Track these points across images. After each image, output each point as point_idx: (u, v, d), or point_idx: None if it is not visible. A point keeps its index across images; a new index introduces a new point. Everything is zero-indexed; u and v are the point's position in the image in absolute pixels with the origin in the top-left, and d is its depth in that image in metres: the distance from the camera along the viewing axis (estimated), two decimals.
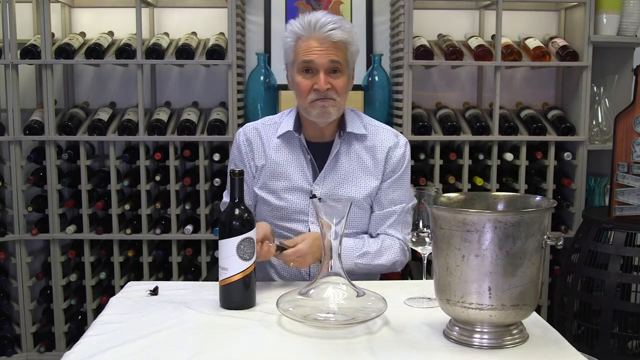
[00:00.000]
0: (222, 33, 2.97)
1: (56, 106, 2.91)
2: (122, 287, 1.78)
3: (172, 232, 2.86)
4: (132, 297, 1.67)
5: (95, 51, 2.77)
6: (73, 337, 2.94)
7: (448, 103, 3.08)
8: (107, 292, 2.92)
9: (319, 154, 1.92)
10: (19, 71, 2.81)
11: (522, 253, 1.28)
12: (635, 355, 2.44)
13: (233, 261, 1.53)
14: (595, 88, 2.97)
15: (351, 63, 1.87)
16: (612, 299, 2.39)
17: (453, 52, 2.83)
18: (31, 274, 2.93)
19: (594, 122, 2.99)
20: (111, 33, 2.96)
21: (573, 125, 2.88)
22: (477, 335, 1.34)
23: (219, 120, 2.83)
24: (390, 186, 1.93)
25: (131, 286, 1.77)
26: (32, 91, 3.03)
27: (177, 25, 3.06)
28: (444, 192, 1.47)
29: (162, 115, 2.87)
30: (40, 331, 2.98)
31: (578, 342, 2.47)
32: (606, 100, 3.00)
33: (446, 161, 2.87)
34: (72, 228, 2.83)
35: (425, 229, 1.55)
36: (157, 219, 2.94)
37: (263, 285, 1.73)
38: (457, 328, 1.37)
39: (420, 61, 2.80)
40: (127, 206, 2.86)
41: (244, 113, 2.93)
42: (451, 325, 1.40)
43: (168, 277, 2.93)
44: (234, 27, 2.74)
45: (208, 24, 3.03)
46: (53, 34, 2.85)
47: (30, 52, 2.76)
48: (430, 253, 1.46)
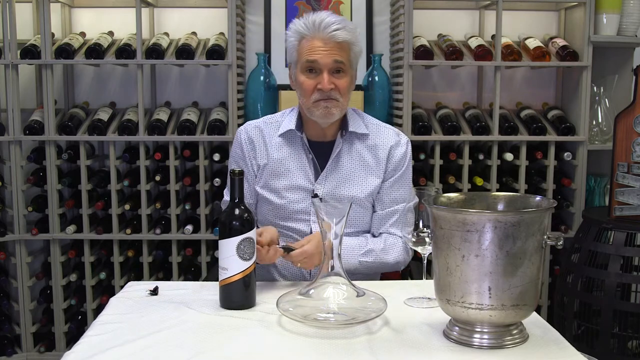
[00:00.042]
0: (222, 33, 2.97)
1: (56, 106, 2.91)
2: (122, 287, 1.78)
3: (172, 232, 2.86)
4: (132, 297, 1.67)
5: (95, 51, 2.77)
6: (73, 337, 2.94)
7: (448, 103, 3.08)
8: (107, 292, 2.92)
9: (321, 153, 1.92)
10: (19, 71, 2.81)
11: (522, 253, 1.28)
12: (635, 355, 2.44)
13: (233, 261, 1.53)
14: (595, 88, 2.97)
15: (354, 63, 1.88)
16: (612, 299, 2.39)
17: (453, 52, 2.83)
18: (31, 274, 2.93)
19: (594, 122, 2.99)
20: (111, 33, 2.96)
21: (573, 125, 2.88)
22: (477, 335, 1.34)
23: (219, 120, 2.83)
24: (392, 185, 1.93)
25: (131, 286, 1.77)
26: (32, 91, 3.03)
27: (177, 25, 3.06)
28: (444, 192, 1.47)
29: (162, 115, 2.87)
30: (40, 331, 2.98)
31: (578, 342, 2.47)
32: (606, 100, 3.00)
33: (446, 161, 2.87)
34: (72, 228, 2.83)
35: (425, 229, 1.55)
36: (157, 219, 2.94)
37: (263, 285, 1.73)
38: (457, 328, 1.37)
39: (420, 61, 2.80)
40: (127, 206, 2.86)
41: (244, 113, 2.93)
42: (451, 325, 1.40)
43: (168, 277, 2.93)
44: (234, 27, 2.74)
45: (208, 24, 3.03)
46: (53, 34, 2.85)
47: (30, 52, 2.76)
48: (430, 253, 1.46)
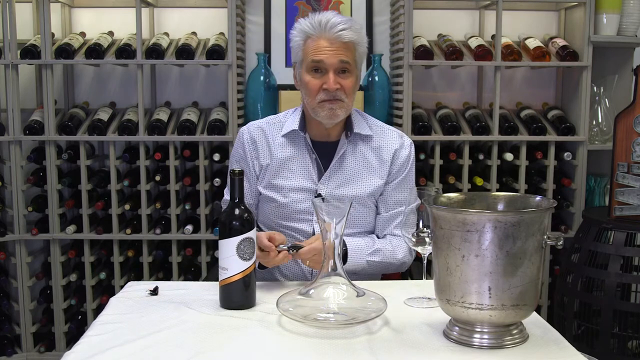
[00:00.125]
0: (222, 33, 2.97)
1: (56, 106, 2.91)
2: (122, 287, 1.78)
3: (172, 232, 2.86)
4: (132, 297, 1.67)
5: (95, 51, 2.77)
6: (73, 337, 2.94)
7: (448, 103, 3.08)
8: (107, 292, 2.92)
9: (324, 153, 1.92)
10: (19, 71, 2.81)
11: (522, 253, 1.28)
12: (635, 355, 2.44)
13: (233, 261, 1.53)
14: (595, 88, 2.97)
15: (359, 63, 1.88)
16: (612, 299, 2.39)
17: (453, 52, 2.83)
18: (31, 274, 2.93)
19: (594, 122, 2.99)
20: (111, 33, 2.96)
21: (573, 125, 2.88)
22: (477, 335, 1.34)
23: (219, 120, 2.83)
24: (396, 187, 1.93)
25: (131, 286, 1.77)
26: (32, 91, 3.03)
27: (177, 25, 3.06)
28: (444, 192, 1.47)
29: (162, 115, 2.87)
30: (40, 331, 2.98)
31: (578, 342, 2.47)
32: (606, 100, 3.00)
33: (446, 161, 2.87)
34: (72, 228, 2.83)
35: (425, 229, 1.55)
36: (157, 219, 2.94)
37: (263, 285, 1.73)
38: (457, 328, 1.37)
39: (420, 61, 2.80)
40: (127, 206, 2.86)
41: (244, 113, 2.93)
42: (451, 325, 1.40)
43: (168, 277, 2.93)
44: (234, 27, 2.74)
45: (208, 24, 3.03)
46: (53, 34, 2.85)
47: (30, 52, 2.76)
48: (430, 253, 1.46)
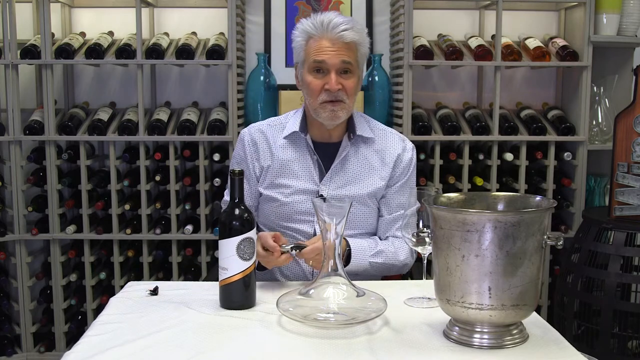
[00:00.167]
0: (222, 33, 2.97)
1: (56, 106, 2.91)
2: (122, 287, 1.78)
3: (172, 232, 2.86)
4: (132, 297, 1.67)
5: (95, 51, 2.77)
6: (73, 337, 2.94)
7: (448, 103, 3.08)
8: (107, 292, 2.92)
9: (326, 154, 1.92)
10: (19, 71, 2.81)
11: (522, 253, 1.28)
12: (635, 355, 2.44)
13: (233, 261, 1.53)
14: (595, 88, 2.97)
15: (361, 64, 1.88)
16: (612, 299, 2.39)
17: (453, 52, 2.83)
18: (31, 274, 2.92)
19: (594, 122, 2.99)
20: (111, 33, 2.96)
21: (573, 125, 2.88)
22: (477, 335, 1.34)
23: (219, 120, 2.83)
24: (398, 190, 1.94)
25: (131, 286, 1.77)
26: (32, 91, 3.03)
27: (177, 25, 3.06)
28: (444, 192, 1.47)
29: (162, 115, 2.87)
30: (40, 331, 2.98)
31: (578, 342, 2.47)
32: (606, 100, 2.99)
33: (446, 161, 2.87)
34: (72, 228, 2.83)
35: (425, 229, 1.55)
36: (157, 219, 2.94)
37: (263, 285, 1.73)
38: (457, 328, 1.37)
39: (420, 61, 2.80)
40: (127, 206, 2.86)
41: (244, 113, 2.93)
42: (451, 325, 1.40)
43: (168, 277, 2.93)
44: (234, 27, 2.74)
45: (208, 24, 3.03)
46: (53, 34, 2.85)
47: (30, 52, 2.76)
48: (430, 253, 1.46)
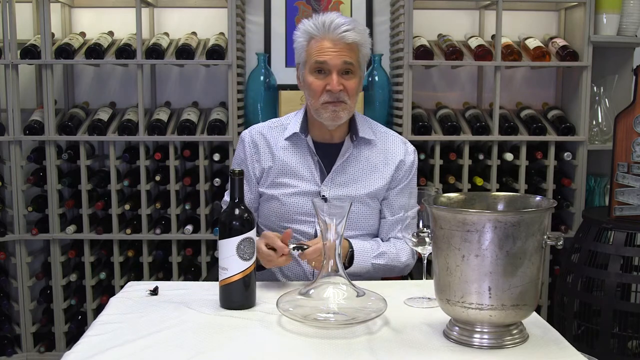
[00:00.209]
0: (222, 33, 2.97)
1: (56, 106, 2.91)
2: (122, 287, 1.78)
3: (172, 232, 2.86)
4: (132, 297, 1.67)
5: (95, 51, 2.77)
6: (73, 337, 2.94)
7: (448, 103, 3.08)
8: (107, 292, 2.92)
9: (327, 155, 1.92)
10: (19, 71, 2.81)
11: (522, 253, 1.28)
12: (635, 355, 2.44)
13: (233, 261, 1.53)
14: (595, 88, 2.97)
15: (363, 64, 1.88)
16: (612, 299, 2.39)
17: (453, 52, 2.83)
18: (31, 274, 2.92)
19: (594, 122, 2.99)
20: (111, 33, 2.96)
21: (573, 125, 2.88)
22: (477, 335, 1.34)
23: (219, 120, 2.83)
24: (400, 192, 1.94)
25: (131, 286, 1.77)
26: (32, 91, 3.03)
27: (177, 25, 3.06)
28: (444, 192, 1.47)
29: (162, 115, 2.87)
30: (40, 331, 2.98)
31: (578, 342, 2.47)
32: (606, 100, 2.99)
33: (446, 161, 2.87)
34: (72, 228, 2.83)
35: (425, 229, 1.55)
36: (157, 219, 2.94)
37: (263, 285, 1.73)
38: (457, 328, 1.37)
39: (420, 61, 2.80)
40: (127, 206, 2.86)
41: (244, 113, 2.93)
42: (451, 325, 1.40)
43: (168, 277, 2.93)
44: (234, 27, 2.74)
45: (208, 24, 3.03)
46: (53, 34, 2.85)
47: (30, 52, 2.76)
48: (430, 253, 1.46)
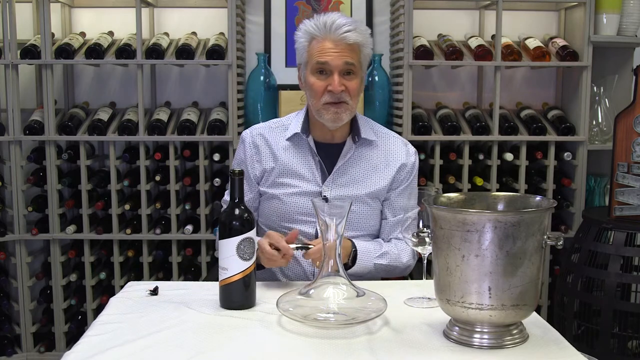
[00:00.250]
0: (222, 33, 2.97)
1: (56, 106, 2.91)
2: (122, 287, 1.78)
3: (172, 232, 2.86)
4: (132, 297, 1.67)
5: (95, 51, 2.77)
6: (73, 337, 2.94)
7: (448, 103, 3.08)
8: (107, 292, 2.92)
9: (329, 155, 1.92)
10: (19, 71, 2.81)
11: (522, 253, 1.28)
12: (635, 355, 2.44)
13: (233, 261, 1.53)
14: (595, 88, 2.97)
15: (364, 65, 1.88)
16: (612, 299, 2.39)
17: (453, 52, 2.83)
18: (31, 274, 2.92)
19: (594, 122, 2.99)
20: (111, 33, 2.96)
21: (573, 125, 2.88)
22: (477, 335, 1.34)
23: (219, 120, 2.83)
24: (401, 193, 1.95)
25: (131, 286, 1.77)
26: (32, 91, 3.03)
27: (177, 25, 3.06)
28: (444, 192, 1.47)
29: (162, 115, 2.87)
30: (40, 331, 2.98)
31: (578, 342, 2.47)
32: (606, 100, 2.99)
33: (446, 161, 2.87)
34: (72, 228, 2.83)
35: (425, 229, 1.55)
36: (157, 219, 2.94)
37: (263, 285, 1.73)
38: (457, 328, 1.37)
39: (420, 61, 2.80)
40: (127, 206, 2.86)
41: (244, 113, 2.93)
42: (451, 325, 1.40)
43: (168, 277, 2.93)
44: (234, 27, 2.74)
45: (208, 24, 3.03)
46: (53, 34, 2.85)
47: (30, 52, 2.76)
48: (430, 253, 1.46)
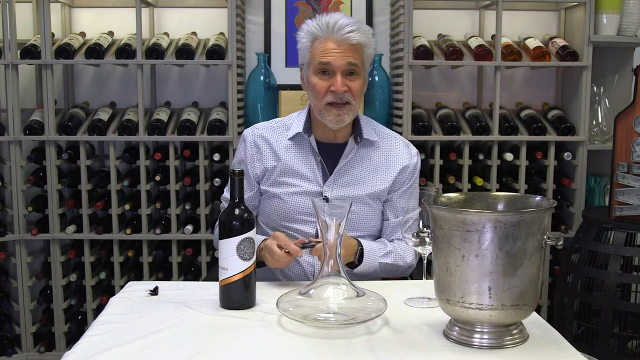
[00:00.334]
0: (222, 33, 2.97)
1: (56, 106, 2.91)
2: (122, 287, 1.78)
3: (172, 232, 2.86)
4: (132, 297, 1.67)
5: (95, 51, 2.77)
6: (73, 337, 2.94)
7: (448, 103, 3.08)
8: (107, 292, 2.92)
9: (330, 155, 1.92)
10: (19, 71, 2.81)
11: (522, 253, 1.28)
12: (635, 355, 2.44)
13: (233, 261, 1.53)
14: (595, 88, 2.97)
15: (367, 65, 1.88)
16: (612, 299, 2.39)
17: (453, 52, 2.83)
18: (31, 274, 2.92)
19: (594, 122, 2.99)
20: (111, 33, 2.96)
21: (573, 125, 2.88)
22: (477, 335, 1.34)
23: (219, 120, 2.83)
24: (403, 195, 1.95)
25: (131, 286, 1.77)
26: (32, 91, 3.03)
27: (177, 25, 3.06)
28: (444, 192, 1.47)
29: (162, 115, 2.87)
30: (40, 331, 2.98)
31: (578, 342, 2.47)
32: (606, 100, 2.99)
33: (446, 161, 2.87)
34: (72, 228, 2.83)
35: (425, 229, 1.55)
36: (157, 219, 2.94)
37: (263, 285, 1.73)
38: (457, 328, 1.37)
39: (420, 61, 2.80)
40: (127, 206, 2.86)
41: (244, 113, 2.93)
42: (451, 325, 1.40)
43: (168, 277, 2.93)
44: (234, 27, 2.74)
45: (208, 24, 3.03)
46: (53, 34, 2.85)
47: (30, 52, 2.76)
48: (430, 253, 1.46)
